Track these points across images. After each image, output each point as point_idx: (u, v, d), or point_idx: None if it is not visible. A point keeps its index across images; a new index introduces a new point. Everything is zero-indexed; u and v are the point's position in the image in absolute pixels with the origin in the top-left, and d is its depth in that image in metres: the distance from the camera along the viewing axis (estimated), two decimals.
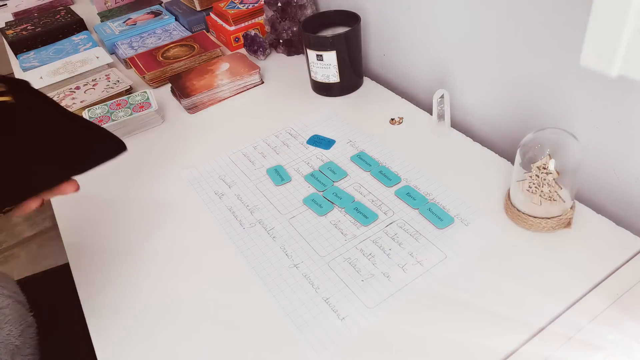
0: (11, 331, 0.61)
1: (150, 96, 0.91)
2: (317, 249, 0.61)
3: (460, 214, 0.62)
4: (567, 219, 0.57)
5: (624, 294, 0.51)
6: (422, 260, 0.58)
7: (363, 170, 0.72)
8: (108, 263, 0.65)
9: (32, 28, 1.27)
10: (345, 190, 0.69)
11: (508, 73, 0.69)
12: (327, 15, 0.90)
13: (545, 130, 0.55)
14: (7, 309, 0.62)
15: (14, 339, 0.61)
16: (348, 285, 0.56)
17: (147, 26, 1.21)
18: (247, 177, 0.74)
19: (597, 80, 0.56)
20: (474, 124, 0.79)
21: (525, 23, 0.62)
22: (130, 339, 0.55)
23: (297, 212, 0.67)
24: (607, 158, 0.60)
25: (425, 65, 0.84)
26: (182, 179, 0.76)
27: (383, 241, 0.61)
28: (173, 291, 0.60)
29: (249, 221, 0.67)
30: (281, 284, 0.58)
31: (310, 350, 0.51)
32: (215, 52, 1.06)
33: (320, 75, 0.87)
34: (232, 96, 0.94)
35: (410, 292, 0.54)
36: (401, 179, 0.69)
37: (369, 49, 0.96)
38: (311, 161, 0.75)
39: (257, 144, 0.80)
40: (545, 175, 0.54)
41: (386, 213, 0.64)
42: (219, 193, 0.72)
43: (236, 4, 1.10)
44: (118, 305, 0.59)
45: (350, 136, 0.79)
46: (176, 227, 0.68)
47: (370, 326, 0.52)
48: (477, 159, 0.71)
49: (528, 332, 0.49)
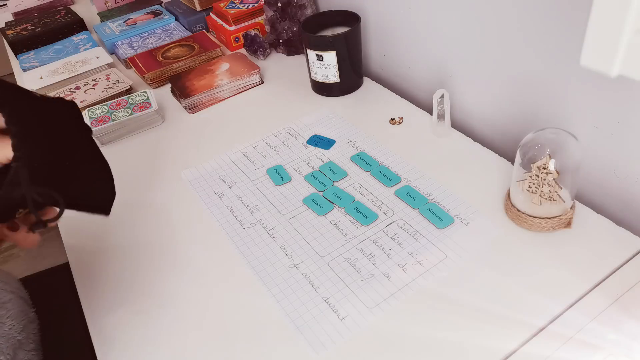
0: (13, 326, 0.61)
1: (150, 96, 0.91)
2: (317, 249, 0.61)
3: (460, 214, 0.62)
4: (567, 219, 0.57)
5: (624, 294, 0.51)
6: (422, 260, 0.58)
7: (363, 170, 0.72)
8: (108, 263, 0.65)
9: (32, 28, 1.27)
10: (345, 190, 0.69)
11: (508, 73, 0.69)
12: (327, 15, 0.90)
13: (545, 130, 0.55)
14: (9, 304, 0.63)
15: (17, 334, 0.61)
16: (348, 285, 0.56)
17: (147, 26, 1.21)
18: (247, 177, 0.74)
19: (597, 80, 0.57)
20: (474, 124, 0.79)
21: (525, 23, 0.62)
22: (130, 339, 0.55)
23: (297, 212, 0.67)
24: (607, 158, 0.60)
25: (425, 65, 0.84)
26: (182, 179, 0.76)
27: (383, 241, 0.61)
28: (172, 290, 0.60)
29: (249, 221, 0.67)
30: (281, 284, 0.58)
31: (310, 350, 0.51)
32: (215, 52, 1.06)
33: (320, 75, 0.87)
34: (232, 96, 0.94)
35: (410, 292, 0.54)
36: (401, 179, 0.69)
37: (369, 49, 0.96)
38: (311, 161, 0.75)
39: (257, 144, 0.80)
40: (545, 175, 0.54)
41: (386, 213, 0.64)
42: (219, 193, 0.72)
43: (236, 4, 1.10)
44: (118, 304, 0.59)
45: (351, 136, 0.79)
46: (176, 227, 0.68)
47: (370, 326, 0.52)
48: (477, 159, 0.71)
49: (528, 332, 0.49)
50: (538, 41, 0.62)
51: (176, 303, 0.58)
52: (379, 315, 0.53)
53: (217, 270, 0.61)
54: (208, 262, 0.62)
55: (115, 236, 0.68)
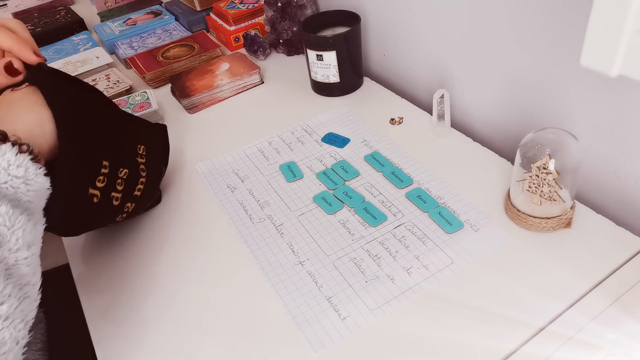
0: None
1: (150, 96, 0.91)
2: (323, 248, 0.61)
3: (470, 219, 0.62)
4: (567, 219, 0.57)
5: (624, 294, 0.51)
6: (427, 264, 0.57)
7: (376, 170, 0.72)
8: (108, 262, 0.65)
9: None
10: (356, 189, 0.69)
11: (508, 73, 0.69)
12: (327, 15, 0.90)
13: (545, 130, 0.55)
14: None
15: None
16: (351, 285, 0.56)
17: (147, 26, 1.22)
18: (260, 172, 0.75)
19: (597, 80, 0.57)
20: (473, 124, 0.79)
21: (525, 23, 0.62)
22: (131, 339, 0.55)
23: (307, 210, 0.67)
24: (607, 158, 0.60)
25: (425, 65, 0.84)
26: (189, 173, 0.76)
27: (390, 243, 0.61)
28: (174, 286, 0.60)
29: (258, 216, 0.67)
30: (285, 280, 0.58)
31: (309, 348, 0.51)
32: (215, 52, 1.06)
33: (320, 75, 0.87)
34: (232, 96, 0.94)
35: (414, 296, 0.54)
36: (413, 181, 0.69)
37: (369, 49, 0.96)
38: (324, 159, 0.75)
39: (272, 140, 0.81)
40: (545, 175, 0.54)
41: (395, 215, 0.64)
42: (232, 187, 0.73)
43: (236, 4, 1.10)
44: (118, 304, 0.59)
45: (366, 135, 0.78)
46: (177, 226, 0.68)
47: (370, 327, 0.52)
48: (477, 159, 0.71)
49: (528, 332, 0.49)
50: (538, 41, 0.62)
51: (178, 298, 0.58)
52: (380, 317, 0.53)
53: (223, 265, 0.61)
54: (214, 257, 0.63)
55: (115, 235, 0.68)
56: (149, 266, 0.63)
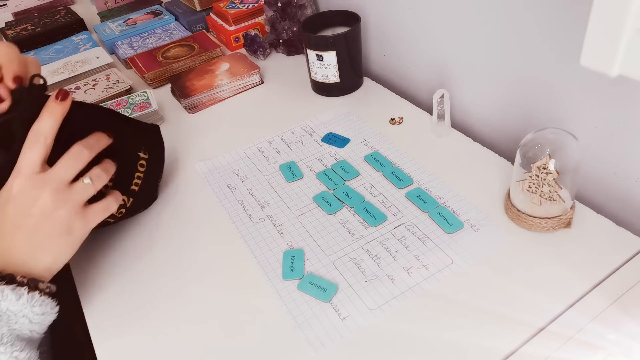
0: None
1: (150, 96, 0.91)
2: (323, 247, 0.61)
3: (470, 219, 0.62)
4: (567, 219, 0.57)
5: (624, 294, 0.51)
6: (427, 264, 0.57)
7: (376, 170, 0.72)
8: (108, 261, 0.65)
9: (32, 28, 1.27)
10: (356, 189, 0.69)
11: (508, 73, 0.69)
12: (327, 15, 0.90)
13: (545, 130, 0.55)
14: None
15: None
16: (351, 285, 0.56)
17: (147, 26, 1.22)
18: (260, 172, 0.75)
19: (597, 80, 0.57)
20: (474, 124, 0.79)
21: (525, 23, 0.62)
22: (131, 338, 0.55)
23: (307, 210, 0.67)
24: (607, 158, 0.60)
25: (425, 65, 0.84)
26: (189, 173, 0.76)
27: (390, 243, 0.61)
28: (174, 286, 0.60)
29: (258, 216, 0.67)
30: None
31: (309, 348, 0.51)
32: (215, 52, 1.06)
33: (320, 75, 0.87)
34: (232, 96, 0.94)
35: (413, 296, 0.54)
36: (413, 181, 0.69)
37: (369, 49, 0.96)
38: (324, 159, 0.75)
39: (272, 140, 0.81)
40: (545, 175, 0.54)
41: (395, 215, 0.64)
42: (232, 187, 0.73)
43: (236, 4, 1.10)
44: (119, 303, 0.59)
45: (366, 135, 0.78)
46: (177, 225, 0.68)
47: (370, 327, 0.52)
48: (477, 159, 0.71)
49: (528, 332, 0.49)
50: (538, 41, 0.62)
51: (178, 298, 0.58)
52: (380, 317, 0.53)
53: (223, 265, 0.61)
54: (214, 257, 0.63)
55: (115, 235, 0.68)
56: (149, 266, 0.63)
